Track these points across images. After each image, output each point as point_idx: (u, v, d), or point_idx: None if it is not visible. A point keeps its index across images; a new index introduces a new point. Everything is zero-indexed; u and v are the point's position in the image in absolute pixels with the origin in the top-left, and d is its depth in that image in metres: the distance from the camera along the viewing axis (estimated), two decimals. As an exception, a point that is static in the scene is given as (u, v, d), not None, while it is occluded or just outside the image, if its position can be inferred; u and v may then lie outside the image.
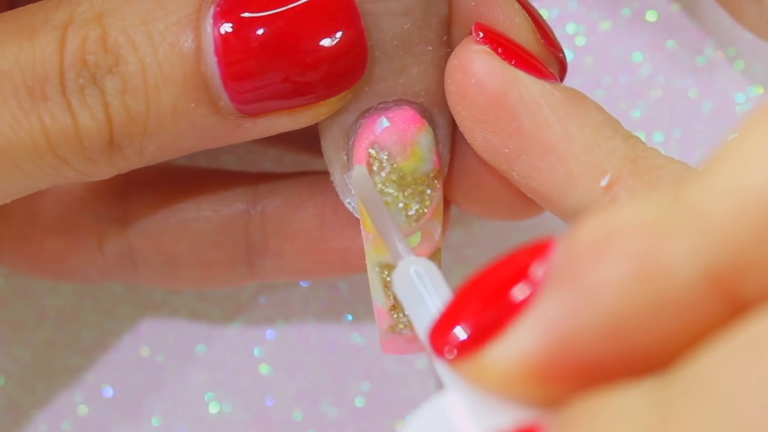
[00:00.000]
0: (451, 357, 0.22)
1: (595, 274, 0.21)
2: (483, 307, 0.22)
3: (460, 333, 0.22)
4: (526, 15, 0.32)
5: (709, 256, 0.20)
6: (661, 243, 0.20)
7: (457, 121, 0.31)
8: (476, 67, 0.30)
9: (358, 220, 0.34)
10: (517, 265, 0.22)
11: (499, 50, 0.30)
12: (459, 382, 0.22)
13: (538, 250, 0.22)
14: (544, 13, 0.40)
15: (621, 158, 0.29)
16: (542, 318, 0.21)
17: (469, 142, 0.31)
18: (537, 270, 0.22)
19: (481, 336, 0.22)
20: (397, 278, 0.27)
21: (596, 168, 0.29)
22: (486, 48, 0.30)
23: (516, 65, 0.30)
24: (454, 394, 0.22)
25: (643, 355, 0.21)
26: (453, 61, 0.31)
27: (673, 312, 0.20)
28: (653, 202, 0.21)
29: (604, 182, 0.29)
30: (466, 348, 0.22)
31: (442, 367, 0.23)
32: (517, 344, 0.21)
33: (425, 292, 0.26)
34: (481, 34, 0.31)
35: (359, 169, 0.31)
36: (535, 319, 0.21)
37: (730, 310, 0.20)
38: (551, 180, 0.30)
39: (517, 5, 0.32)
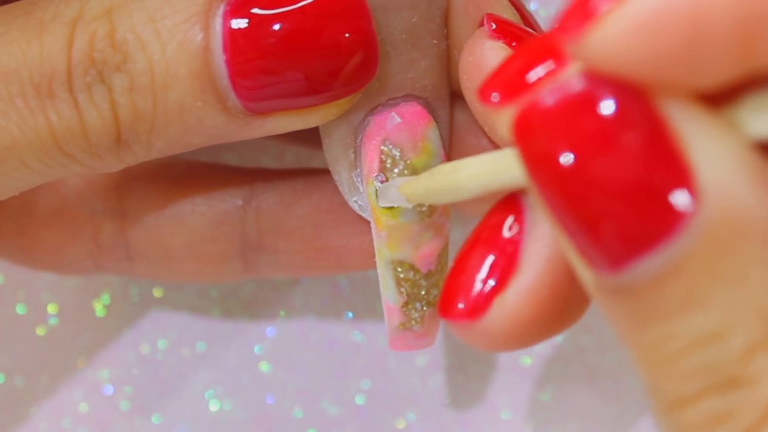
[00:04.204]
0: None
1: None
2: None
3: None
4: (514, 11, 0.32)
5: None
6: None
7: (476, 117, 0.31)
8: (493, 65, 0.30)
9: (353, 218, 0.35)
10: None
11: (513, 44, 0.30)
12: None
13: None
14: (543, 12, 0.40)
15: None
16: None
17: (490, 136, 0.31)
18: None
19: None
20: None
21: None
22: (500, 44, 0.30)
23: None
24: None
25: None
26: (467, 58, 0.30)
27: None
28: None
29: None
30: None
31: None
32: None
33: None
34: (494, 25, 0.30)
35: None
36: None
37: None
38: None
39: (505, 1, 0.32)
